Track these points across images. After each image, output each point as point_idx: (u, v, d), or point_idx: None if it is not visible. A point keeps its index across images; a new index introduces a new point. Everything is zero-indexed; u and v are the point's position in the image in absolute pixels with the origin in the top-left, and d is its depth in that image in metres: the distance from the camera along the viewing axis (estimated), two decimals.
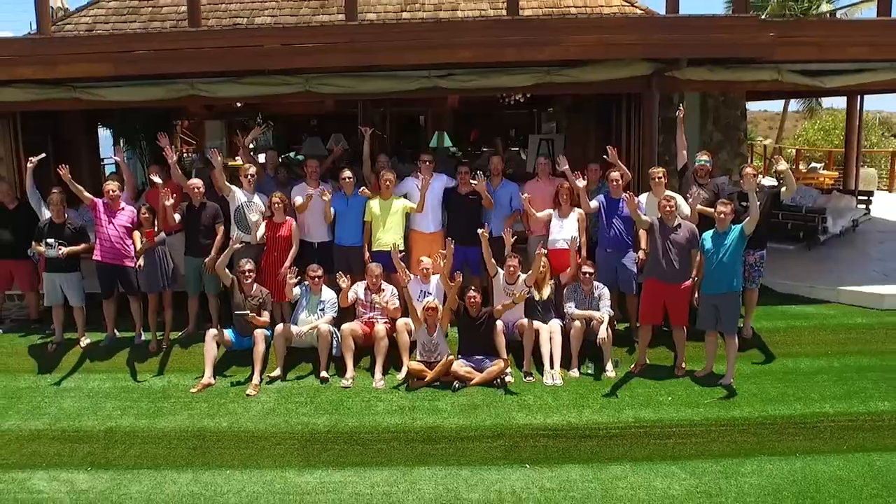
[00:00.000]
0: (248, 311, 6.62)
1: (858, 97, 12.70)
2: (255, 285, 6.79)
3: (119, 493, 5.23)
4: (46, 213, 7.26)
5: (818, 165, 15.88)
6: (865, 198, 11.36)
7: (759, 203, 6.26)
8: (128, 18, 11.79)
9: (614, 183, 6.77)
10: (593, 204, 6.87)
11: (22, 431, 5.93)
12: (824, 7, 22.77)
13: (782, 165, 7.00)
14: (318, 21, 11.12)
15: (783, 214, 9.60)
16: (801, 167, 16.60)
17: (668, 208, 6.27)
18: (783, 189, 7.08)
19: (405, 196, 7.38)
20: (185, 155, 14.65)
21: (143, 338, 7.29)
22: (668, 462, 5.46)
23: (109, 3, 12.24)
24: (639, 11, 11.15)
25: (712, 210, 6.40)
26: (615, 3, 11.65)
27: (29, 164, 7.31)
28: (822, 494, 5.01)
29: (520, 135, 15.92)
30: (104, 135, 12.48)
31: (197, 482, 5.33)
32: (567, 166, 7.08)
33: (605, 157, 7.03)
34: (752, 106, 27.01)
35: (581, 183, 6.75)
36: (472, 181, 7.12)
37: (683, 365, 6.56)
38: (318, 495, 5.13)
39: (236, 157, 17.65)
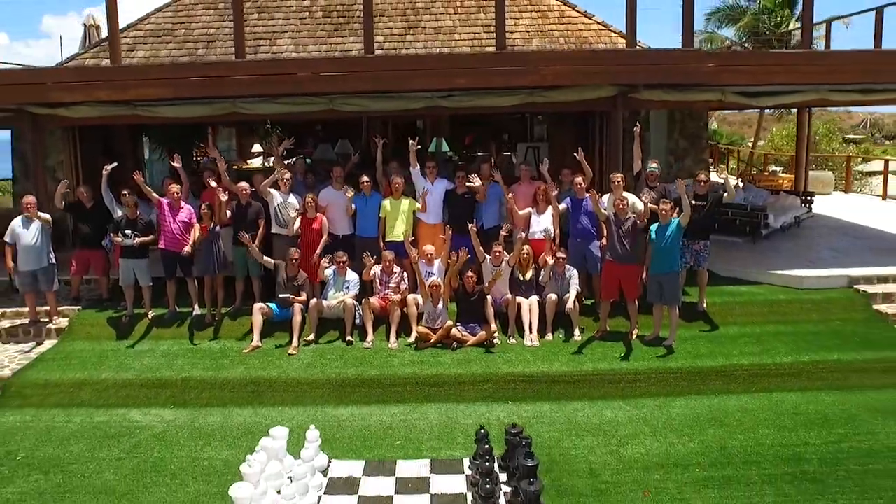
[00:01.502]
0: (290, 294, 8.28)
1: (807, 110, 14.39)
2: (298, 269, 8.45)
3: (198, 423, 6.87)
4: (118, 211, 8.90)
5: (777, 168, 17.59)
6: (808, 198, 13.05)
7: (706, 203, 7.97)
8: (164, 40, 13.44)
9: (578, 186, 8.46)
10: (561, 206, 8.56)
11: (115, 381, 7.57)
12: (793, 25, 24.52)
13: (724, 174, 8.69)
14: (332, 43, 12.85)
15: (732, 212, 11.31)
16: (767, 170, 18.31)
17: (620, 206, 7.94)
18: (725, 193, 8.75)
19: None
20: (199, 158, 16.22)
21: (197, 311, 8.91)
22: (616, 399, 7.13)
23: (146, 26, 13.90)
24: (613, 34, 12.87)
25: (662, 207, 8.08)
26: (593, 26, 13.37)
27: (104, 171, 8.94)
28: (729, 419, 6.68)
29: (512, 139, 17.54)
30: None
31: (256, 415, 6.97)
32: (546, 168, 8.77)
33: (574, 154, 8.70)
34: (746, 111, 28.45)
35: (554, 191, 8.46)
36: (468, 183, 8.80)
37: (635, 331, 8.23)
38: (351, 422, 6.78)
39: (248, 161, 19.30)
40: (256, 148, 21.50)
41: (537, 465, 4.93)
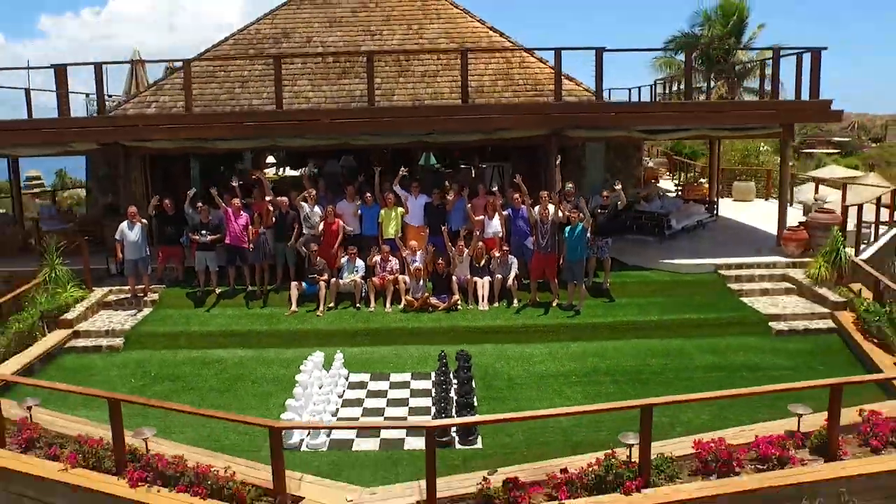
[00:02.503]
0: (316, 275, 11.98)
1: (717, 140, 18.03)
2: (318, 258, 12.14)
3: (262, 357, 10.54)
4: (195, 217, 12.57)
5: (703, 180, 21.30)
6: (712, 205, 16.73)
7: (607, 211, 11.69)
8: (207, 80, 17.05)
9: (516, 200, 12.16)
10: (504, 213, 12.26)
11: (201, 332, 11.25)
12: (739, 54, 28.24)
13: (618, 186, 12.36)
14: (340, 84, 16.48)
15: (644, 217, 15.02)
16: (697, 181, 22.04)
17: (544, 213, 11.62)
18: (619, 203, 12.42)
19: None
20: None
21: (250, 288, 12.59)
22: (536, 343, 10.78)
23: (193, 69, 17.57)
24: (566, 82, 16.49)
25: (570, 214, 11.75)
26: (546, 70, 17.04)
27: (189, 194, 12.55)
28: (605, 354, 10.33)
29: (484, 159, 21.14)
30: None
31: (297, 352, 10.57)
32: (520, 179, 12.36)
33: (514, 179, 12.39)
34: None
35: (500, 201, 12.18)
36: (447, 196, 12.50)
37: (555, 301, 11.90)
38: (360, 355, 10.44)
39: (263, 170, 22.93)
40: (270, 160, 25.29)
41: (470, 359, 8.64)
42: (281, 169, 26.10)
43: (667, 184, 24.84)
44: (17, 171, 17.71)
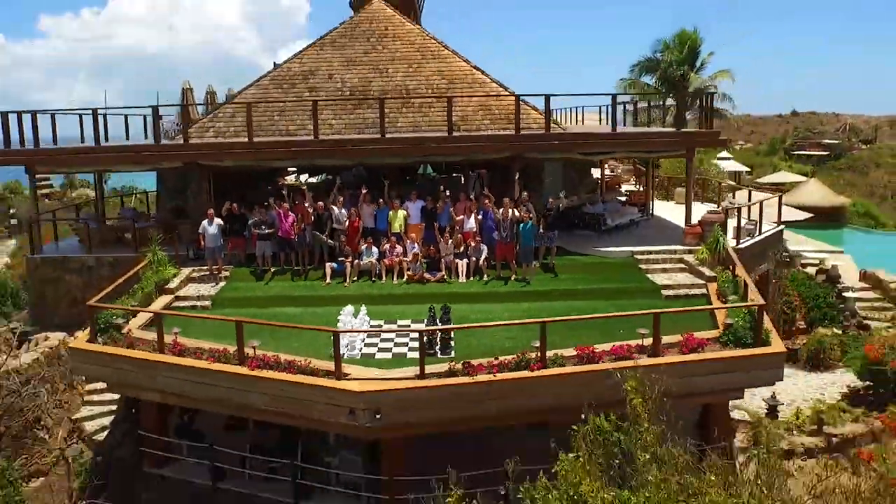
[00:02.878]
0: (343, 257, 16.90)
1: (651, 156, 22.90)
2: (345, 246, 17.05)
3: (308, 312, 15.42)
4: (255, 216, 17.47)
5: (640, 187, 26.24)
6: (643, 207, 21.61)
7: (552, 212, 16.58)
8: (251, 109, 22.02)
9: (485, 204, 17.07)
10: (479, 216, 17.21)
11: (264, 296, 16.16)
12: (692, 78, 33.17)
13: (562, 195, 17.28)
14: (357, 112, 21.36)
15: (587, 216, 19.93)
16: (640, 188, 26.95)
17: (505, 214, 16.51)
18: (560, 205, 17.28)
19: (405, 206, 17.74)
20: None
21: (295, 267, 17.49)
22: (497, 303, 15.64)
23: (242, 99, 22.48)
24: (529, 108, 21.35)
25: (524, 215, 16.60)
26: (508, 99, 21.90)
27: (254, 209, 17.49)
28: (543, 309, 15.21)
29: (475, 165, 26.00)
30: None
31: (333, 308, 15.45)
32: (473, 196, 17.36)
33: (483, 192, 17.32)
34: None
35: (474, 206, 17.12)
36: (437, 203, 17.42)
37: (513, 276, 16.79)
38: (377, 311, 15.31)
39: (285, 177, 27.87)
40: (290, 168, 30.23)
41: (450, 311, 13.56)
42: (301, 176, 31.09)
43: (632, 188, 29.74)
44: (102, 182, 22.67)
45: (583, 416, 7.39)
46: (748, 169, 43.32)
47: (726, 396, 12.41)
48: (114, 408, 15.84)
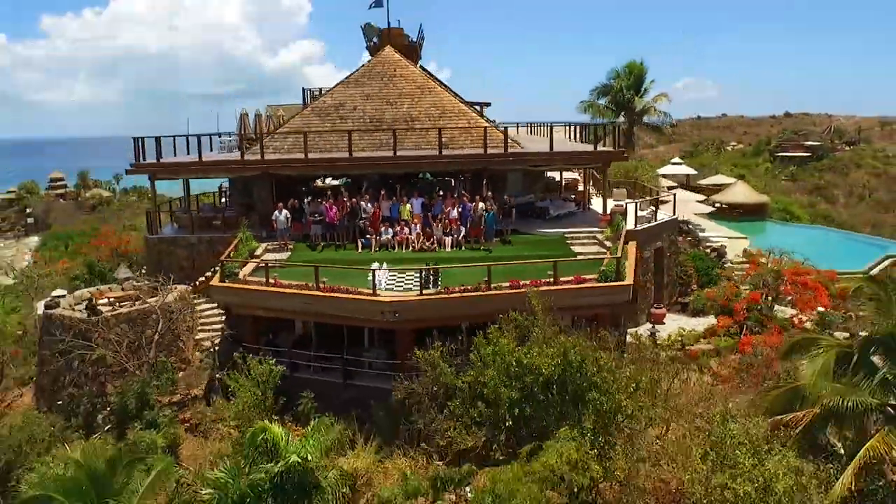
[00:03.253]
0: (369, 235, 25.56)
1: (590, 168, 31.52)
2: (369, 227, 25.71)
3: (350, 269, 24.06)
4: (311, 208, 26.11)
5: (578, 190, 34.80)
6: (579, 202, 30.16)
7: (508, 206, 25.24)
8: (296, 134, 30.72)
9: (465, 199, 25.72)
10: (459, 208, 25.89)
11: (323, 259, 24.78)
12: (636, 101, 41.77)
13: (515, 194, 25.91)
14: (374, 135, 30.06)
15: (537, 209, 28.55)
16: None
17: (477, 207, 25.13)
18: (513, 200, 25.86)
19: (410, 202, 26.44)
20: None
21: (337, 243, 26.12)
22: (469, 262, 24.31)
23: (293, 122, 31.18)
24: (499, 131, 29.99)
25: (489, 207, 25.17)
26: (491, 130, 30.66)
27: (309, 204, 26.19)
28: (501, 270, 23.85)
29: (456, 173, 34.68)
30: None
31: (361, 276, 24.11)
32: (457, 194, 26.00)
33: (462, 192, 25.98)
34: None
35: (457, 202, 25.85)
36: (432, 200, 26.08)
37: (482, 248, 25.41)
38: (394, 272, 23.96)
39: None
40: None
41: (437, 265, 22.23)
42: (326, 179, 39.82)
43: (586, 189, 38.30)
44: (189, 187, 31.40)
45: (509, 315, 16.24)
46: (695, 171, 51.93)
47: (601, 309, 20.89)
48: (218, 329, 24.49)
